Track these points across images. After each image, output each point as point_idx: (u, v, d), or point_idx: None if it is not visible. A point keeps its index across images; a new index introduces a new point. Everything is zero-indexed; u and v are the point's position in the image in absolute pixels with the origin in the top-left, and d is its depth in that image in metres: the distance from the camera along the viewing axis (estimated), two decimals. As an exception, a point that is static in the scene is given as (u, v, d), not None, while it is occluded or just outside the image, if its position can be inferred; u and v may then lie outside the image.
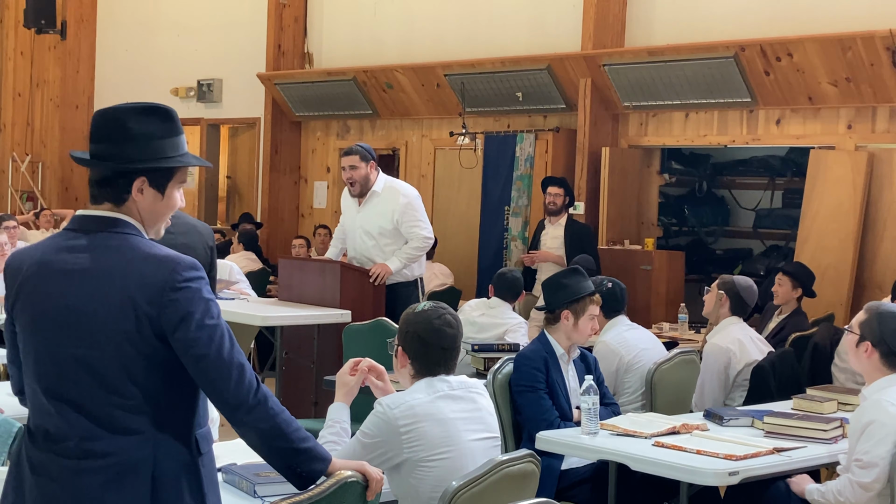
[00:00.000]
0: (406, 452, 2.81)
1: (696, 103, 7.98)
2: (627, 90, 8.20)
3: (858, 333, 3.40)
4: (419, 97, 9.56)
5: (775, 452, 3.58)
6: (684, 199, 9.22)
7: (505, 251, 8.79)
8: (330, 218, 10.48)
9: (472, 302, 5.89)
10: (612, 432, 3.77)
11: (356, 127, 10.38)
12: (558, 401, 4.09)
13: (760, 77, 7.53)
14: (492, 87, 8.91)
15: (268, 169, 10.63)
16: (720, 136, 8.03)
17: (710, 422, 4.02)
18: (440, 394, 2.90)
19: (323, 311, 5.92)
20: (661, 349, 4.96)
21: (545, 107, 8.80)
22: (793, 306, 6.32)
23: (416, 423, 2.82)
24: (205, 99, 11.25)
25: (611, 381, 4.72)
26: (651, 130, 8.39)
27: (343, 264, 6.24)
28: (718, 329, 5.05)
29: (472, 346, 5.05)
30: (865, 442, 3.27)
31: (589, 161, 8.35)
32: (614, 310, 4.92)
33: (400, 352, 2.95)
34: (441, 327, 2.95)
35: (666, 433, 3.74)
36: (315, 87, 10.14)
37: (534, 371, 4.09)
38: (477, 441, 2.92)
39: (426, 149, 9.79)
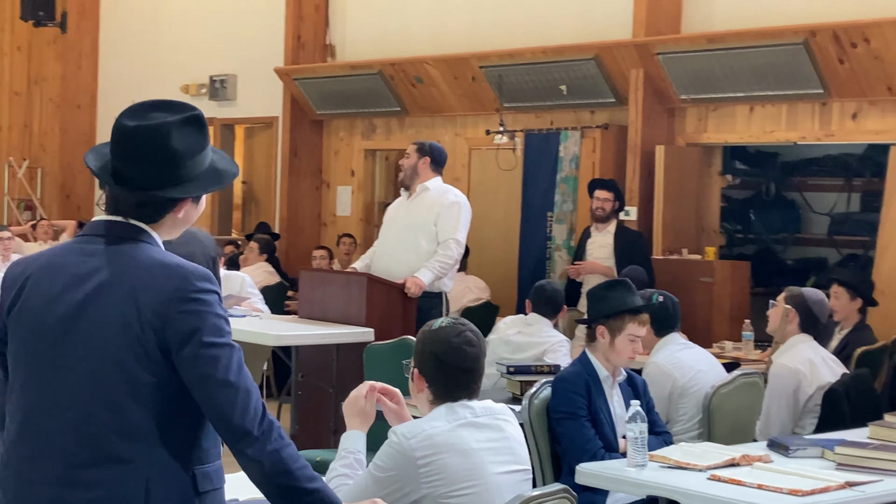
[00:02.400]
0: (425, 488, 2.78)
1: (762, 95, 7.89)
2: (684, 82, 8.13)
3: None
4: (452, 92, 9.55)
5: (847, 487, 3.50)
6: (750, 203, 9.14)
7: (548, 262, 8.74)
8: (355, 226, 10.49)
9: (507, 319, 5.85)
10: (663, 464, 3.71)
11: (383, 126, 10.39)
12: (602, 429, 4.05)
13: (833, 65, 7.44)
14: (532, 80, 8.88)
15: (286, 173, 10.66)
16: (789, 133, 7.94)
17: (774, 452, 3.95)
18: (462, 421, 2.87)
19: (343, 330, 5.91)
20: (720, 371, 4.89)
21: (592, 101, 8.75)
22: (854, 320, 6.21)
23: (435, 455, 2.78)
24: (217, 96, 11.32)
25: (663, 407, 4.66)
26: (711, 126, 8.31)
27: (371, 277, 6.23)
28: (786, 348, 4.97)
29: (508, 368, 5.01)
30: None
31: (642, 161, 8.29)
32: (667, 327, 4.86)
33: (416, 374, 2.92)
34: (461, 346, 2.91)
35: (723, 465, 3.67)
36: (338, 83, 10.17)
37: (574, 396, 4.05)
38: (504, 474, 2.88)
39: (460, 149, 9.76)
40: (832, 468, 3.75)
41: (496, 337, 5.69)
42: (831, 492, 3.46)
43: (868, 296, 6.47)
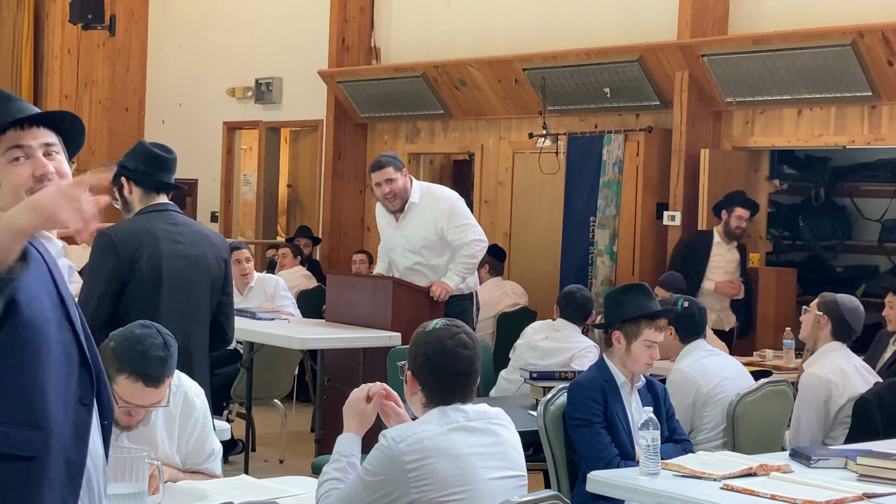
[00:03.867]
0: (414, 492, 2.76)
1: (810, 98, 7.77)
2: (730, 84, 8.04)
3: None
4: (495, 95, 9.54)
5: (864, 499, 3.42)
6: (798, 209, 9.00)
7: (590, 268, 8.68)
8: (398, 231, 10.49)
9: (535, 324, 5.82)
10: (677, 473, 3.66)
11: (427, 129, 10.40)
12: (619, 436, 4.00)
13: (883, 67, 7.30)
14: (576, 83, 8.83)
15: (330, 176, 10.70)
16: (838, 136, 7.81)
17: (795, 462, 3.88)
18: (454, 425, 2.85)
19: (369, 333, 5.92)
20: (746, 379, 4.82)
21: (636, 104, 8.68)
22: (909, 331, 6.12)
23: (425, 459, 2.77)
24: (263, 99, 11.41)
25: (687, 415, 4.60)
26: (758, 130, 8.21)
27: (396, 280, 6.24)
28: (818, 356, 4.90)
29: (531, 374, 4.98)
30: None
31: (686, 165, 8.21)
32: (692, 333, 4.80)
33: (409, 377, 2.91)
34: (454, 349, 2.89)
35: (739, 475, 3.61)
36: (382, 85, 10.19)
37: (590, 402, 4.01)
38: (497, 480, 2.86)
39: (504, 153, 9.75)
40: (853, 479, 3.67)
41: (523, 342, 5.67)
42: (847, 503, 3.38)
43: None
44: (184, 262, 3.95)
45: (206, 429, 3.32)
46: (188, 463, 3.30)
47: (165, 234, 3.96)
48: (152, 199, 4.05)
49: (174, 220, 4.02)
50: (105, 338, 3.11)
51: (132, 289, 3.89)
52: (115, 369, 3.01)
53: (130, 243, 3.92)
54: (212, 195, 12.05)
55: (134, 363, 3.00)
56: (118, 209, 4.15)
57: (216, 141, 11.97)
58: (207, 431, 3.33)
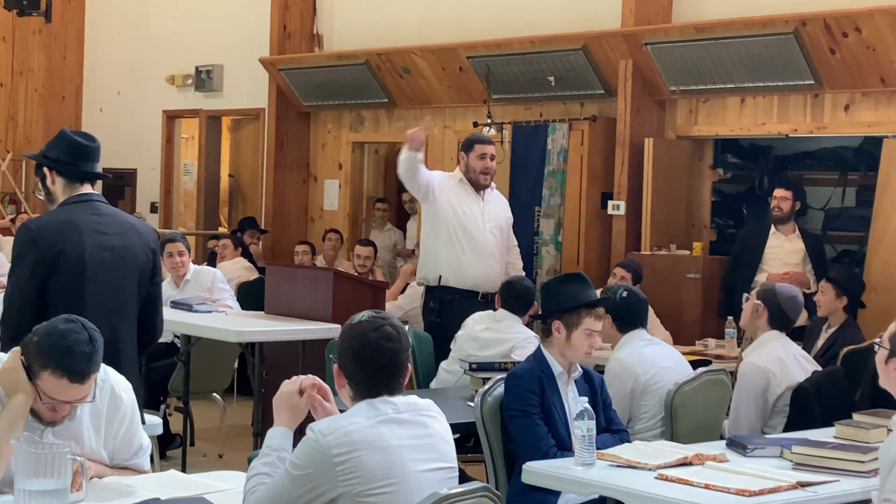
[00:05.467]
0: (341, 486, 2.76)
1: (753, 87, 7.85)
2: (674, 73, 8.10)
3: (889, 348, 3.27)
4: (440, 83, 9.54)
5: (798, 487, 3.47)
6: (742, 198, 9.08)
7: (535, 257, 8.71)
8: (342, 221, 10.49)
9: (476, 315, 5.83)
10: (612, 463, 3.69)
11: (371, 118, 10.38)
12: (556, 427, 4.03)
13: (825, 55, 7.39)
14: (520, 71, 8.86)
15: (272, 166, 10.66)
16: (781, 125, 7.90)
17: (731, 451, 3.93)
18: (383, 417, 2.85)
19: (308, 326, 5.91)
20: (685, 368, 4.87)
21: (581, 93, 8.73)
22: (841, 318, 6.22)
23: (352, 452, 2.76)
24: (204, 87, 11.33)
25: (625, 405, 4.64)
26: (702, 119, 8.28)
27: (337, 272, 6.24)
28: (756, 345, 4.96)
29: (470, 365, 4.99)
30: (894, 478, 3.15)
31: (630, 154, 8.27)
32: (630, 323, 4.84)
33: (336, 370, 2.90)
34: (378, 341, 2.88)
35: (674, 464, 3.65)
36: (324, 73, 10.16)
37: (527, 393, 4.03)
38: (426, 472, 2.86)
39: (449, 142, 9.74)
40: (789, 468, 3.72)
41: (464, 333, 5.69)
42: (781, 492, 3.43)
43: (855, 295, 6.45)
44: (109, 253, 3.91)
45: (133, 424, 3.29)
46: (116, 459, 3.27)
47: (89, 224, 3.91)
48: (76, 190, 4.00)
49: (98, 210, 3.97)
50: (29, 332, 3.07)
51: (56, 282, 3.84)
52: (39, 364, 2.98)
53: (51, 236, 3.87)
54: (151, 185, 11.95)
55: (58, 359, 2.97)
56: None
57: (155, 130, 11.86)
58: (135, 427, 3.31)
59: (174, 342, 6.93)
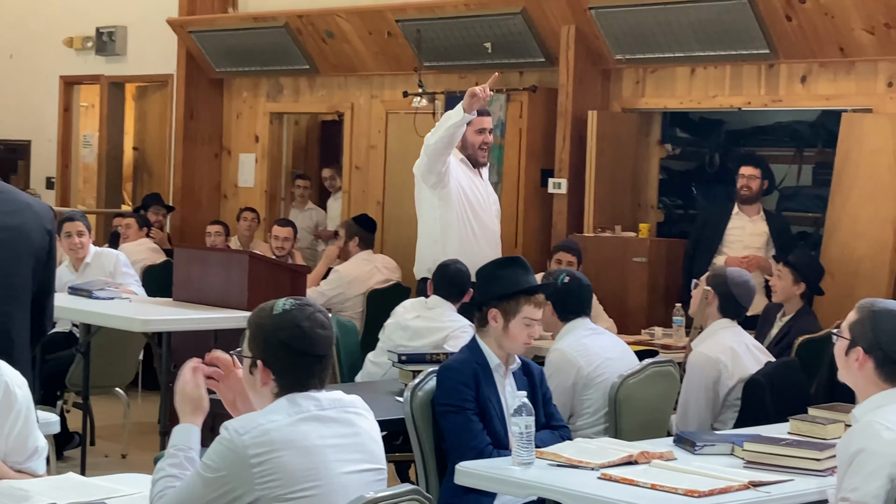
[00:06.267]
0: (259, 489, 2.75)
1: (704, 56, 7.94)
2: (620, 40, 8.15)
3: (848, 338, 3.34)
4: (367, 49, 9.51)
5: (750, 487, 3.53)
6: (692, 175, 9.18)
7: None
8: (258, 199, 10.44)
9: (406, 303, 5.85)
10: (553, 462, 3.72)
11: (290, 86, 10.33)
12: (491, 424, 4.05)
13: (781, 23, 7.49)
14: (454, 37, 8.86)
15: (181, 138, 10.59)
16: (733, 98, 7.99)
17: (679, 448, 3.98)
18: (305, 415, 2.84)
19: (221, 314, 5.88)
20: (631, 359, 4.92)
21: (520, 61, 8.75)
22: (797, 305, 6.33)
23: (271, 453, 2.76)
24: (105, 51, 11.22)
25: (566, 399, 4.69)
26: (649, 90, 8.35)
27: (253, 255, 6.20)
28: (706, 335, 5.02)
29: (400, 357, 5.00)
30: (854, 476, 3.22)
31: (573, 128, 8.32)
32: (573, 311, 4.88)
33: (261, 367, 2.88)
34: (313, 330, 2.89)
35: (619, 463, 3.69)
36: (239, 36, 10.10)
37: (461, 387, 4.05)
38: (353, 474, 2.87)
39: (376, 113, 9.74)
40: (740, 466, 3.78)
41: (393, 321, 5.69)
42: (732, 492, 3.48)
43: (814, 283, 6.56)
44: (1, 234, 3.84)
45: (28, 423, 3.25)
46: (8, 461, 3.22)
47: (-23, 202, 3.84)
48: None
49: (-12, 187, 3.91)
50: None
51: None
52: None
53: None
54: (47, 159, 11.79)
55: None
56: None
57: (52, 97, 11.70)
58: (31, 426, 3.26)
59: (72, 332, 6.85)
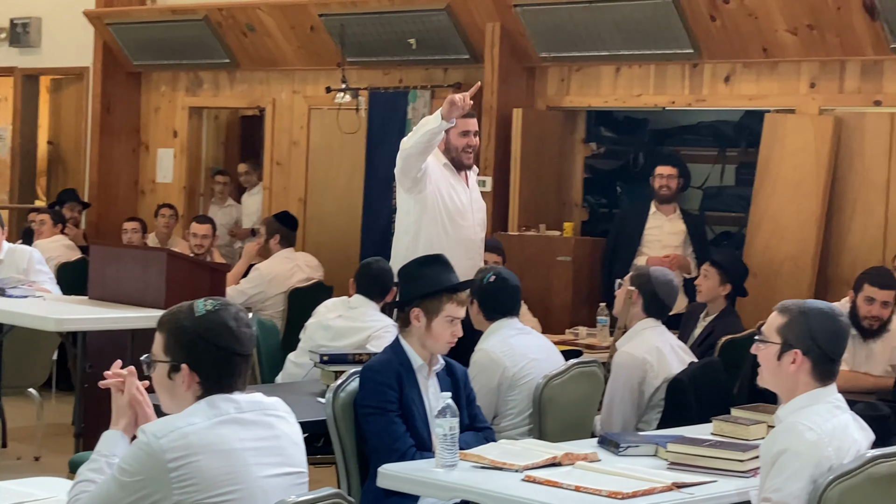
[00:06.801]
0: (177, 494, 2.72)
1: (629, 55, 8.00)
2: (545, 38, 8.19)
3: (780, 342, 3.37)
4: (289, 43, 9.46)
5: (674, 489, 3.55)
6: (616, 174, 9.24)
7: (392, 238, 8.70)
8: (177, 195, 10.34)
9: (328, 302, 5.82)
10: (476, 464, 3.72)
11: (210, 80, 10.25)
12: (415, 425, 4.04)
13: (705, 23, 7.57)
14: (378, 32, 8.84)
15: (98, 132, 10.46)
16: (658, 97, 8.06)
17: (603, 449, 4.00)
18: (224, 417, 2.81)
19: (138, 313, 5.81)
20: (558, 360, 4.93)
21: (445, 57, 8.76)
22: (721, 305, 6.40)
23: (190, 457, 2.73)
24: (19, 42, 11.07)
25: (491, 399, 4.69)
26: (574, 89, 8.39)
27: (171, 253, 6.15)
28: (631, 335, 5.06)
29: (322, 357, 4.97)
30: (776, 476, 3.26)
31: (497, 125, 8.34)
32: (499, 310, 4.88)
33: (186, 371, 2.84)
34: (240, 329, 2.88)
35: (543, 465, 3.70)
36: (158, 29, 10.01)
37: (383, 388, 4.03)
38: (273, 478, 2.84)
39: (298, 108, 9.70)
40: (664, 468, 3.81)
41: (315, 321, 5.66)
42: (656, 494, 3.50)
43: (739, 284, 6.63)
44: None
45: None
46: (-86, 466, 3.16)
47: None
48: None
49: None
50: None
51: None
52: None
53: None
54: (-43, 153, 11.58)
55: None
56: None
57: (-38, 90, 11.50)
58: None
59: (-17, 331, 6.74)
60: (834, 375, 3.41)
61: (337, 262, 8.78)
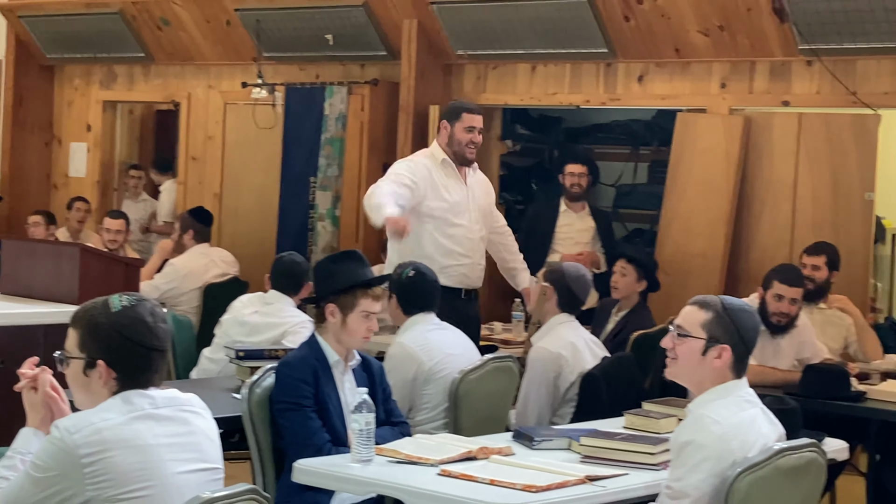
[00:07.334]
0: (90, 490, 2.69)
1: (545, 53, 8.04)
2: (461, 35, 8.20)
3: (705, 337, 3.41)
4: (204, 38, 9.37)
5: (587, 482, 3.58)
6: (532, 172, 9.30)
7: (310, 233, 8.70)
8: (90, 189, 10.21)
9: (243, 297, 5.79)
10: (392, 459, 3.72)
11: (125, 74, 10.13)
12: (330, 421, 4.03)
13: (619, 23, 7.63)
14: (295, 28, 8.79)
15: (9, 125, 10.27)
16: (573, 95, 8.12)
17: (518, 444, 4.03)
18: (139, 413, 2.79)
19: (50, 308, 5.73)
20: (473, 355, 4.95)
21: (362, 53, 8.74)
22: (634, 301, 6.45)
23: (103, 452, 2.70)
24: (-73, 34, 10.77)
25: (406, 392, 4.70)
26: (490, 86, 8.42)
27: (85, 247, 6.07)
28: (546, 330, 5.10)
29: (237, 353, 4.94)
30: (679, 467, 3.32)
31: (415, 122, 8.33)
32: (417, 305, 4.89)
33: (102, 367, 2.81)
34: (157, 324, 2.87)
35: (458, 459, 3.71)
36: (72, 22, 9.86)
37: (299, 383, 4.02)
38: (188, 474, 2.82)
39: (214, 103, 9.61)
40: (577, 461, 3.84)
41: (230, 317, 5.63)
42: (569, 487, 3.53)
43: (654, 278, 6.71)
44: None
45: None
46: None
47: None
48: None
49: None
50: None
51: None
52: None
53: None
54: None
55: None
56: None
57: None
58: None
59: None
60: (746, 369, 3.48)
61: (253, 258, 8.72)
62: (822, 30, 6.89)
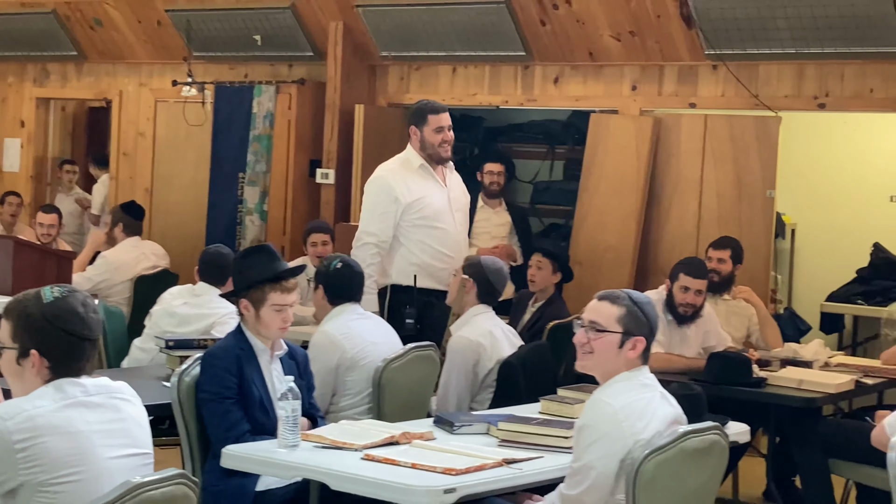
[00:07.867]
0: (23, 475, 2.66)
1: (465, 56, 8.07)
2: (385, 37, 8.20)
3: (620, 330, 3.45)
4: (136, 37, 9.27)
5: (504, 465, 3.61)
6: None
7: (239, 227, 8.65)
8: (24, 184, 10.05)
9: (173, 289, 5.73)
10: (318, 444, 3.71)
11: (58, 71, 9.99)
12: (253, 409, 3.99)
13: (536, 27, 7.68)
14: (224, 28, 8.73)
15: (-57, 121, 10.08)
16: (492, 96, 8.15)
17: (438, 429, 4.04)
18: (71, 400, 2.77)
19: (-18, 300, 5.62)
20: (395, 344, 4.96)
21: (289, 54, 8.70)
22: (549, 293, 6.50)
23: (36, 438, 2.67)
24: None
25: (329, 379, 4.69)
26: (414, 87, 8.43)
27: (18, 240, 5.97)
28: (465, 320, 5.12)
29: (167, 343, 4.89)
30: (577, 447, 3.37)
31: (340, 120, 8.32)
32: (341, 296, 4.88)
33: (35, 356, 2.78)
34: (88, 314, 2.84)
35: (381, 444, 3.71)
36: (6, 21, 9.72)
37: (223, 374, 3.98)
38: (118, 459, 2.80)
39: (145, 100, 9.51)
40: (495, 445, 3.86)
41: (160, 308, 5.57)
42: (487, 470, 3.55)
43: (569, 270, 6.77)
44: None
45: None
46: None
47: None
48: None
49: None
50: None
51: None
52: None
53: None
54: None
55: None
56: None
57: None
58: None
59: None
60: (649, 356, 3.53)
61: (183, 251, 8.65)
62: (727, 36, 6.99)
